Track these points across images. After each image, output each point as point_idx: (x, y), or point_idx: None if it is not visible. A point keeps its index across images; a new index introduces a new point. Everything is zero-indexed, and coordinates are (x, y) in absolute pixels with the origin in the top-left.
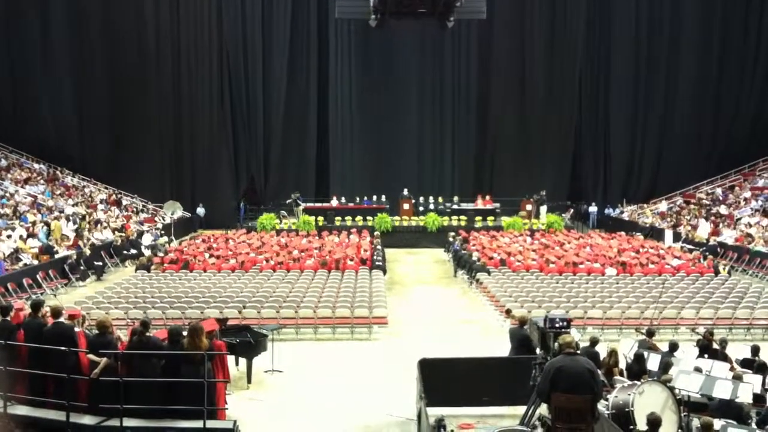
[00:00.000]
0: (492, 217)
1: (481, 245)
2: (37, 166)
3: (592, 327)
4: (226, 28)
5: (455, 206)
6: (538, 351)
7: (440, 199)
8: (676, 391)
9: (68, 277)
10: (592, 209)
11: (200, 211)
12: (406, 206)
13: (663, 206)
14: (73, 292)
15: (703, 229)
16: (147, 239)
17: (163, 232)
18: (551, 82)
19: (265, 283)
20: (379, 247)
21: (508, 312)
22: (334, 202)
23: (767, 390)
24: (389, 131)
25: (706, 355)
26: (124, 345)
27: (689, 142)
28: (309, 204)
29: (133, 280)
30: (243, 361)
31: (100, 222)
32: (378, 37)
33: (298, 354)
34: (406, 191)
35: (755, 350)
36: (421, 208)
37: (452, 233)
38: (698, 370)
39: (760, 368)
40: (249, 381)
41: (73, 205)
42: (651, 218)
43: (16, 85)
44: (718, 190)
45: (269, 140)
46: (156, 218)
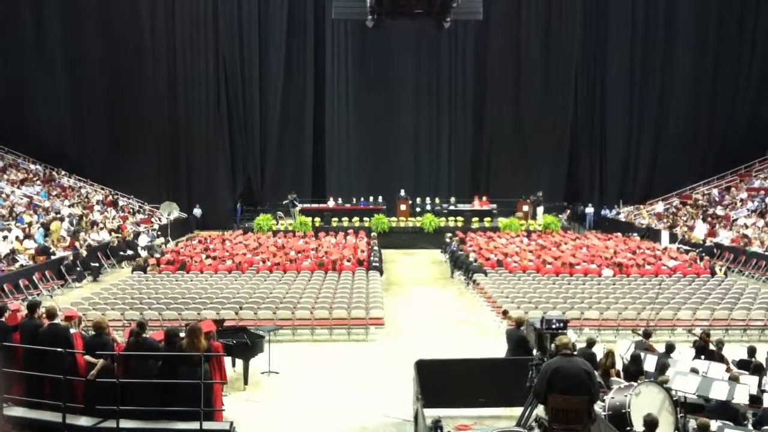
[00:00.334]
0: (489, 218)
1: (477, 246)
2: (33, 166)
3: (588, 328)
4: (223, 29)
5: (452, 207)
6: (534, 352)
7: (437, 200)
8: (673, 392)
9: (64, 278)
10: (589, 210)
11: (197, 212)
12: (403, 207)
13: (659, 207)
14: (69, 293)
15: (700, 230)
16: (143, 240)
17: (159, 233)
18: (547, 83)
19: (261, 285)
20: (375, 248)
21: (504, 313)
22: (331, 203)
23: (763, 391)
24: (386, 132)
25: (702, 356)
26: (120, 347)
27: (685, 142)
28: (306, 205)
29: (129, 281)
30: (240, 362)
31: (96, 223)
32: (375, 37)
33: (295, 355)
34: (402, 192)
35: (751, 351)
36: (418, 209)
37: (449, 234)
38: (695, 371)
39: (756, 369)
40: (246, 382)
41: (69, 206)
42: (647, 219)
43: (12, 85)
44: (714, 191)
45: (266, 141)
46: (152, 219)
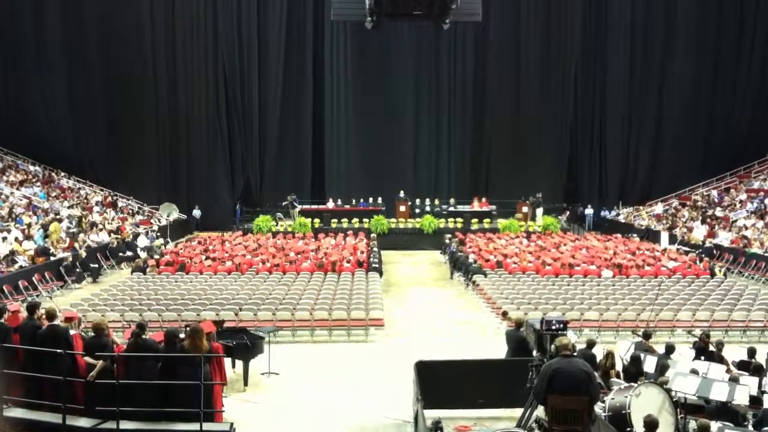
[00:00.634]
0: (488, 219)
1: (477, 247)
2: (32, 167)
3: (588, 329)
4: (222, 30)
5: (451, 208)
6: (534, 353)
7: (436, 201)
8: (673, 393)
9: (64, 279)
10: (588, 211)
11: (196, 213)
12: (403, 208)
13: (659, 208)
14: (68, 294)
15: (699, 231)
16: (143, 241)
17: (159, 234)
18: (547, 84)
19: (261, 286)
20: (375, 249)
21: (504, 314)
22: (331, 204)
23: (763, 392)
24: (385, 133)
25: (702, 357)
26: (120, 348)
27: (684, 143)
28: (305, 206)
29: (129, 283)
30: (240, 363)
31: (95, 224)
32: (374, 38)
33: (295, 356)
34: (402, 193)
35: (751, 352)
36: (418, 210)
37: (448, 235)
38: (695, 372)
39: (756, 370)
40: (246, 383)
41: (68, 207)
42: (647, 220)
43: (11, 85)
44: (714, 192)
45: (265, 142)
46: (152, 220)
